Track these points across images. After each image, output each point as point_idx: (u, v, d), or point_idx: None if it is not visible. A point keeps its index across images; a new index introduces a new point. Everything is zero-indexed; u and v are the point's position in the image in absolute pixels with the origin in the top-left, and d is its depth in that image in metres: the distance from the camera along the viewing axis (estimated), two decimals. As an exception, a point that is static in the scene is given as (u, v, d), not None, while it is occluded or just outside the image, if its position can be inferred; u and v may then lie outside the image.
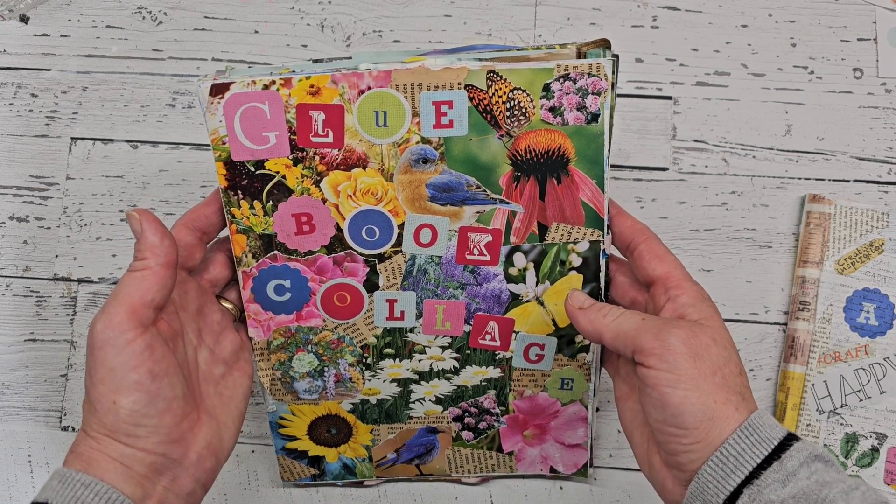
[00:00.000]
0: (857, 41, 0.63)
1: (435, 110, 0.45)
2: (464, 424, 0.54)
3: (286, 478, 0.56)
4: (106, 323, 0.39)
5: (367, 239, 0.48)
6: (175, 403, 0.40)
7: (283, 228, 0.47)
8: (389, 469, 0.56)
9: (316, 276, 0.48)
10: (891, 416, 0.57)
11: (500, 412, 0.53)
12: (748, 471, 0.38)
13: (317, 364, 0.51)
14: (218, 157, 0.45)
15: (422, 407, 0.53)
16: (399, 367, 0.51)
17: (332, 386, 0.52)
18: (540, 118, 0.45)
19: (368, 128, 0.45)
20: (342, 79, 0.44)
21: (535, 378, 0.52)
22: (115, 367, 0.38)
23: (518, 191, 0.47)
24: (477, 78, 0.44)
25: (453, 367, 0.52)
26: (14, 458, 0.59)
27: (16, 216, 0.61)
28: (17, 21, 0.63)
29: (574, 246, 0.48)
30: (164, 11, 0.63)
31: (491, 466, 0.56)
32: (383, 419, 0.54)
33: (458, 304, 0.49)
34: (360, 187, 0.46)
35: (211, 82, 0.44)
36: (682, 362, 0.39)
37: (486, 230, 0.47)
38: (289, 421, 0.53)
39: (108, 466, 0.38)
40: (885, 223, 0.59)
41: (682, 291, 0.43)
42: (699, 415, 0.39)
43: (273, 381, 0.51)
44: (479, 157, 0.46)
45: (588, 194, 0.47)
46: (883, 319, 0.58)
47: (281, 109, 0.44)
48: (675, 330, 0.40)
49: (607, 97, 0.44)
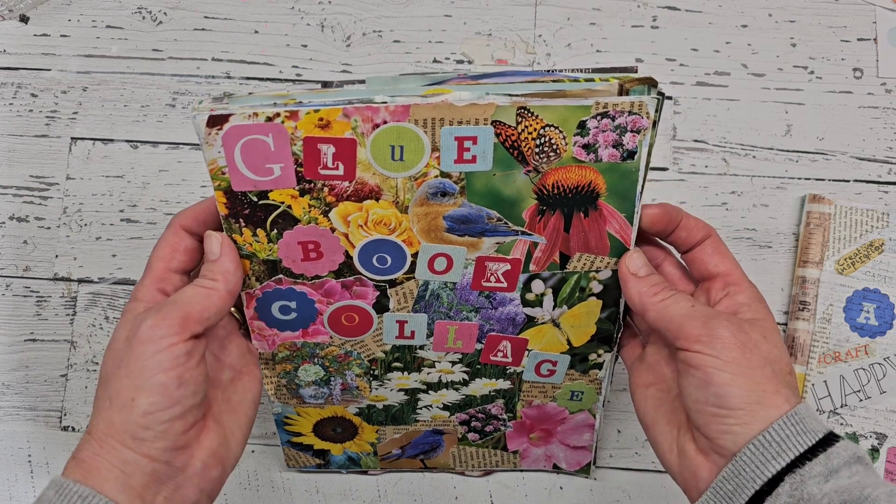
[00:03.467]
0: (857, 41, 0.63)
1: (457, 146, 0.40)
2: (470, 427, 0.54)
3: (291, 465, 0.56)
4: (158, 321, 0.39)
5: (379, 266, 0.44)
6: (189, 414, 0.40)
7: (288, 255, 0.44)
8: (394, 462, 0.56)
9: (323, 298, 0.46)
10: (891, 416, 0.57)
11: (507, 418, 0.53)
12: (791, 457, 0.37)
13: (323, 374, 0.50)
14: (217, 187, 0.41)
15: (429, 413, 0.53)
16: (407, 379, 0.50)
17: (338, 393, 0.51)
18: (572, 155, 0.41)
19: (383, 162, 0.41)
20: (355, 112, 0.39)
21: (544, 390, 0.51)
22: (148, 365, 0.38)
23: (542, 223, 0.43)
24: (506, 114, 0.40)
25: (462, 379, 0.50)
26: (14, 458, 0.58)
27: (16, 216, 0.61)
28: (17, 21, 0.63)
29: (596, 274, 0.45)
30: (164, 11, 0.63)
31: (495, 463, 0.56)
32: (389, 422, 0.53)
33: (471, 325, 0.47)
34: (371, 218, 0.43)
35: (208, 114, 0.39)
36: (730, 350, 0.39)
37: (506, 259, 0.44)
38: (294, 420, 0.53)
39: (108, 476, 0.37)
40: (885, 223, 0.59)
41: (740, 290, 0.43)
42: (746, 397, 0.38)
43: (278, 387, 0.50)
44: (503, 191, 0.42)
45: (616, 227, 0.44)
46: (883, 319, 0.58)
47: (286, 142, 0.40)
48: (725, 322, 0.40)
49: (647, 135, 0.40)
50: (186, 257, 0.43)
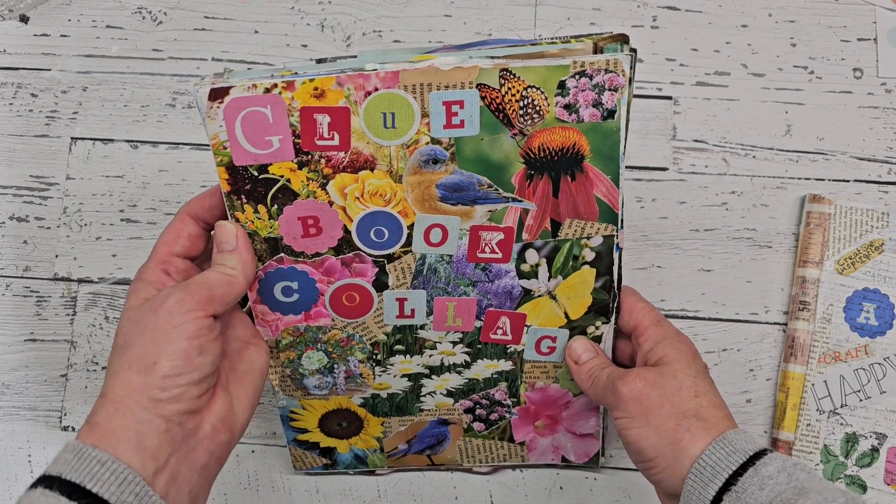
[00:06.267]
0: (857, 41, 0.63)
1: (445, 110, 0.43)
2: (475, 416, 0.54)
3: (298, 466, 0.56)
4: (186, 296, 0.41)
5: (376, 240, 0.47)
6: (205, 381, 0.42)
7: (288, 232, 0.46)
8: (401, 459, 0.56)
9: (324, 278, 0.48)
10: (891, 416, 0.57)
11: (511, 403, 0.53)
12: (725, 477, 0.41)
13: (326, 361, 0.51)
14: (220, 162, 0.44)
15: (433, 400, 0.53)
16: (409, 363, 0.51)
17: (342, 382, 0.52)
18: (554, 116, 0.44)
19: (376, 130, 0.43)
20: (347, 80, 0.42)
21: (546, 370, 0.52)
22: (173, 332, 0.40)
23: (531, 189, 0.46)
24: (489, 77, 0.43)
25: (464, 361, 0.51)
26: (14, 458, 0.59)
27: (16, 216, 0.61)
28: (17, 21, 0.63)
29: (587, 241, 0.47)
30: (164, 11, 0.63)
31: (502, 456, 0.56)
32: (394, 412, 0.54)
33: (470, 300, 0.49)
34: (367, 189, 0.45)
35: (209, 87, 0.42)
36: (630, 406, 0.45)
37: (498, 228, 0.47)
38: (299, 414, 0.53)
39: (123, 437, 0.38)
40: (885, 223, 0.59)
41: (645, 339, 0.48)
42: (656, 444, 0.44)
43: (283, 378, 0.51)
44: (491, 156, 0.45)
45: (603, 190, 0.46)
46: (883, 319, 0.58)
47: (284, 113, 0.43)
48: (622, 380, 0.46)
49: (624, 93, 0.43)
50: (189, 243, 0.46)
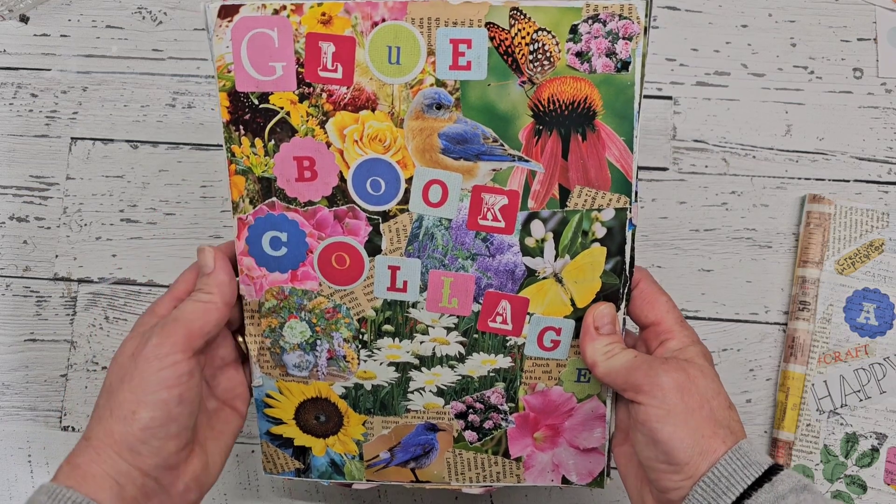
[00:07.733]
0: (857, 41, 0.63)
1: (452, 49, 0.42)
2: (467, 423, 0.49)
3: (269, 469, 0.51)
4: (162, 339, 0.41)
5: (372, 192, 0.44)
6: (184, 433, 0.41)
7: (283, 172, 0.44)
8: (382, 471, 0.50)
9: (315, 231, 0.45)
10: (891, 416, 0.57)
11: (508, 409, 0.48)
12: (741, 490, 0.39)
13: (309, 335, 0.47)
14: (222, 87, 0.43)
15: (421, 399, 0.48)
16: (398, 349, 0.47)
17: (324, 363, 0.48)
18: (566, 63, 0.42)
19: (380, 65, 0.42)
20: (355, 8, 0.42)
21: (548, 369, 0.47)
22: (151, 381, 0.40)
23: (539, 147, 0.43)
24: (499, 15, 0.41)
25: (458, 353, 0.47)
26: (14, 458, 0.59)
27: (16, 216, 0.61)
28: (17, 21, 0.63)
29: (598, 214, 0.44)
30: (164, 11, 0.63)
31: (496, 474, 0.50)
32: (378, 409, 0.49)
33: (468, 277, 0.45)
34: (367, 132, 0.43)
35: (220, 3, 0.42)
36: (670, 397, 0.41)
37: (503, 191, 0.44)
38: (276, 400, 0.49)
39: (103, 484, 0.39)
40: (885, 223, 0.59)
41: (672, 336, 0.45)
42: (690, 450, 0.40)
43: (261, 349, 0.47)
44: (498, 105, 0.43)
45: (615, 154, 0.43)
46: (883, 319, 0.58)
47: (290, 38, 0.42)
48: (664, 366, 0.42)
49: (639, 43, 0.41)
50: None
